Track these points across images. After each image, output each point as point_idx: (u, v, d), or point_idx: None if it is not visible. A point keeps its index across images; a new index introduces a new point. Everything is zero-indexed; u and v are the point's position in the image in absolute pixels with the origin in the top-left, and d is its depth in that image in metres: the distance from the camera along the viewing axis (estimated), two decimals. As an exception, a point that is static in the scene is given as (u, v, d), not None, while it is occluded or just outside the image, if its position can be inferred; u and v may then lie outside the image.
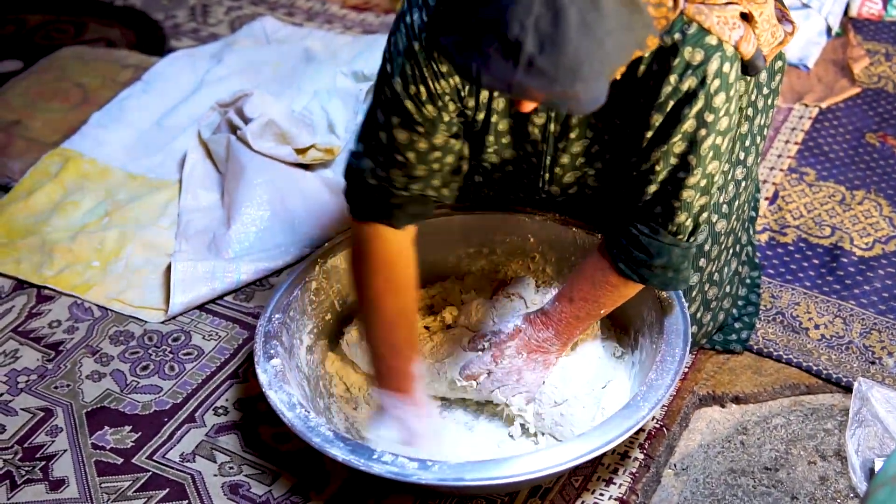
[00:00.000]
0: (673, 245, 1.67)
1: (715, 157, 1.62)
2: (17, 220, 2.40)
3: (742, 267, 2.05)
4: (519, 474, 1.60)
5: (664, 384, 1.70)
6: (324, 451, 1.63)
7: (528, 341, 1.81)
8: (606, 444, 1.63)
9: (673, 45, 1.53)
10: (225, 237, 2.30)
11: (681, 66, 1.54)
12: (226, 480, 1.84)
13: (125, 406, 1.98)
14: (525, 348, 1.81)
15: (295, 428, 1.67)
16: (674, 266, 1.69)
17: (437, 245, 2.02)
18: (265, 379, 1.76)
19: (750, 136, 1.89)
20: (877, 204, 2.36)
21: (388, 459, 1.61)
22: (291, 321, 1.88)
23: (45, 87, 2.85)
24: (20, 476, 1.86)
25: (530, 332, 1.81)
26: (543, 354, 1.81)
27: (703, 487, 1.80)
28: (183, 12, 3.21)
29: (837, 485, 1.80)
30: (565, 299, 1.78)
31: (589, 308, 1.77)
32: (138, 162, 2.58)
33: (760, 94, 1.88)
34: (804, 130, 2.60)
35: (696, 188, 1.63)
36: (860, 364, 2.00)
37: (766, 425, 1.90)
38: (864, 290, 2.15)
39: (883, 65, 2.81)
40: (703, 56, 1.53)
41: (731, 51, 1.55)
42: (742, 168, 1.90)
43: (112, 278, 2.25)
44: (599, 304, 1.77)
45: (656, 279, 1.71)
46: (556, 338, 1.80)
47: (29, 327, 2.16)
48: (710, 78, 1.54)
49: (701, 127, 1.58)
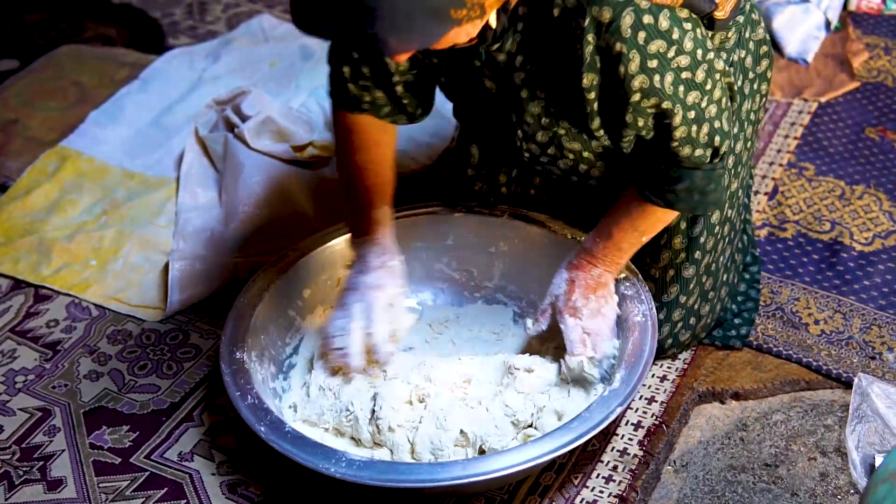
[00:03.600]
0: (693, 169, 1.68)
1: (690, 88, 1.61)
2: (15, 219, 2.40)
3: (738, 254, 2.04)
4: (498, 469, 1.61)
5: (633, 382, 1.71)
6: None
7: (586, 284, 1.81)
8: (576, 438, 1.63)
9: (578, 4, 1.54)
10: (223, 235, 2.30)
11: (591, 25, 1.54)
12: (224, 479, 1.83)
13: (123, 405, 1.97)
14: (589, 290, 1.81)
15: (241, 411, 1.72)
16: (699, 188, 1.70)
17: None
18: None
19: (738, 121, 1.88)
20: (876, 198, 2.36)
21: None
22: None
23: (43, 85, 2.85)
24: (18, 476, 1.86)
25: (584, 276, 1.82)
26: (604, 288, 1.82)
27: (702, 484, 1.80)
28: (180, 10, 3.20)
29: (838, 481, 1.79)
30: (604, 234, 1.80)
31: (630, 238, 1.79)
32: (136, 160, 2.57)
33: (746, 79, 1.88)
34: (803, 125, 2.59)
35: (686, 122, 1.63)
36: (860, 360, 1.99)
37: (766, 421, 1.90)
38: (864, 285, 2.15)
39: (882, 59, 2.80)
40: (611, 13, 1.53)
41: (646, 4, 1.54)
42: (732, 155, 1.88)
43: (110, 277, 2.25)
44: (639, 232, 1.79)
45: (682, 203, 1.72)
46: (607, 270, 1.82)
47: (26, 327, 2.15)
48: (630, 33, 1.54)
49: (652, 75, 1.58)
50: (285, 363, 1.94)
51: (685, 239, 1.89)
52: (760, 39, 1.90)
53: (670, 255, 1.90)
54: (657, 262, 1.91)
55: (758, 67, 1.90)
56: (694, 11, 1.63)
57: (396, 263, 1.85)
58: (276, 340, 1.93)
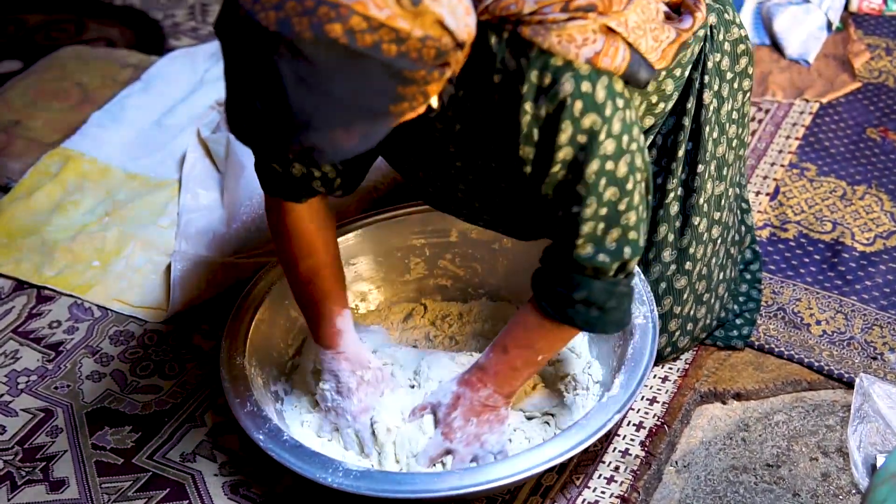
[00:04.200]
0: (593, 279, 1.56)
1: (611, 183, 1.49)
2: (18, 220, 2.40)
3: (733, 247, 2.01)
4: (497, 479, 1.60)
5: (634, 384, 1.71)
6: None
7: (471, 405, 1.72)
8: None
9: (518, 69, 1.44)
10: (225, 236, 2.30)
11: (531, 91, 1.44)
12: (226, 480, 1.83)
13: (125, 406, 1.98)
14: (472, 413, 1.72)
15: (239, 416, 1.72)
16: (597, 303, 1.57)
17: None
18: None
19: (718, 125, 1.84)
20: (878, 199, 2.36)
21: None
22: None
23: (45, 86, 2.85)
24: (20, 477, 1.86)
25: (470, 395, 1.72)
26: (492, 412, 1.73)
27: (704, 484, 1.80)
28: (182, 11, 3.21)
29: (839, 481, 1.79)
30: (499, 349, 1.69)
31: (526, 356, 1.68)
32: (138, 161, 2.58)
33: (724, 82, 1.83)
34: (805, 126, 2.59)
35: (596, 219, 1.51)
36: (862, 360, 1.99)
37: (768, 422, 1.90)
38: (866, 285, 2.15)
39: (884, 59, 2.80)
40: (550, 79, 1.43)
41: (587, 68, 1.44)
42: (715, 161, 1.86)
43: (112, 278, 2.25)
44: (535, 351, 1.68)
45: (579, 317, 1.59)
46: (497, 392, 1.71)
47: (29, 328, 2.16)
48: (568, 101, 1.43)
49: (578, 151, 1.47)
50: (287, 364, 1.95)
51: (674, 251, 1.88)
52: (736, 38, 1.83)
53: (660, 268, 1.88)
54: (648, 277, 1.87)
55: (736, 66, 1.84)
56: (632, 82, 1.52)
57: (371, 373, 1.81)
58: (277, 342, 1.94)
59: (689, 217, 1.87)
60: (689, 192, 1.86)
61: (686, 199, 1.86)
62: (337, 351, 1.80)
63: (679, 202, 1.86)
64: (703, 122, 1.82)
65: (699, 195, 1.86)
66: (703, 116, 1.82)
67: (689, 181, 1.86)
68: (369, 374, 1.81)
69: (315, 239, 1.77)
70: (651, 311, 1.80)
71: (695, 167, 1.85)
